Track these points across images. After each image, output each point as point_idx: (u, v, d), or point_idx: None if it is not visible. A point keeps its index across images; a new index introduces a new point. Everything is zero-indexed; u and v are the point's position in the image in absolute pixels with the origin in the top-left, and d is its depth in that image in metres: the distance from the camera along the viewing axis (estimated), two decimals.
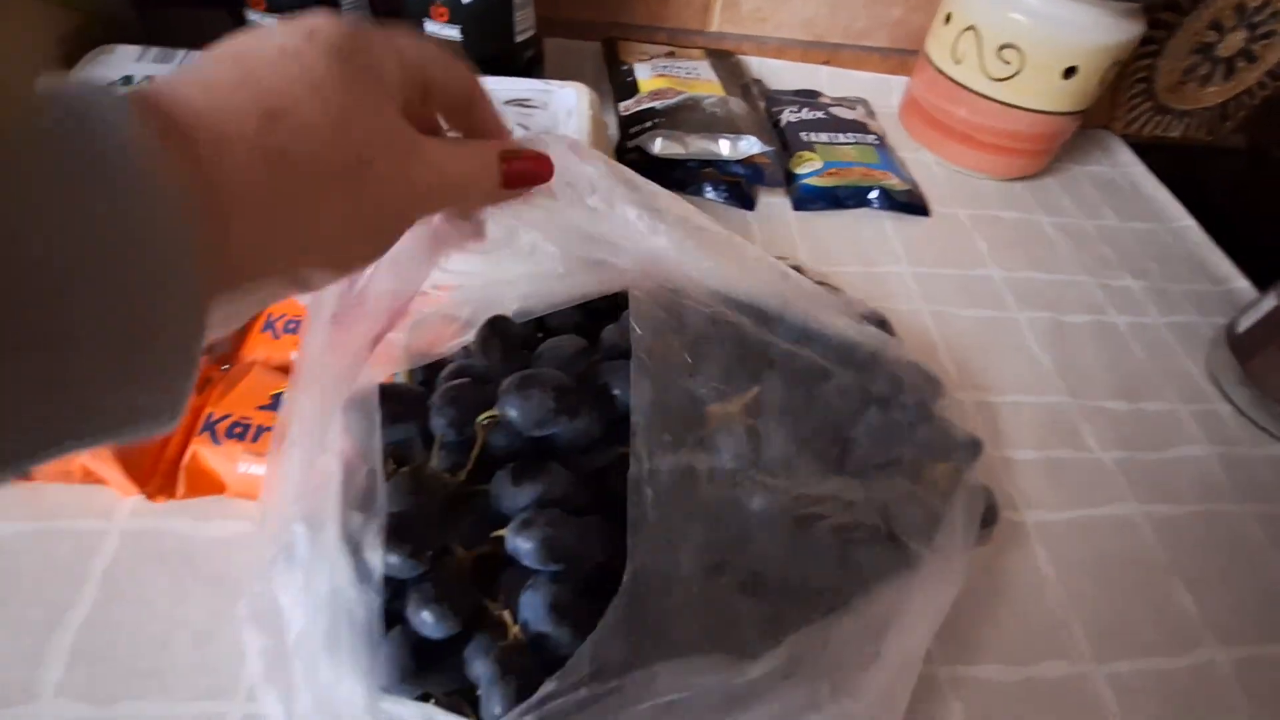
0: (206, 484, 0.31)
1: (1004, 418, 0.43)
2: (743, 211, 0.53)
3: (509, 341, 0.30)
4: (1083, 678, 0.32)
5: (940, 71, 0.57)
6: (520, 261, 0.30)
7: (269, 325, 0.37)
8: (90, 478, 0.31)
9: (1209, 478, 0.42)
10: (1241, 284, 0.56)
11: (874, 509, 0.26)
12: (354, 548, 0.23)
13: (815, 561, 0.24)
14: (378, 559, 0.23)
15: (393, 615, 0.25)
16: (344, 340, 0.26)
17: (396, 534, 0.23)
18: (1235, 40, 0.64)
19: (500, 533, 0.25)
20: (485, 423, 0.27)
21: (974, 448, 0.34)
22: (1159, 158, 0.67)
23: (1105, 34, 0.52)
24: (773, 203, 0.54)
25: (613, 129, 0.54)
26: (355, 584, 0.23)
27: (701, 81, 0.56)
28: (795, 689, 0.21)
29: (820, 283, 0.37)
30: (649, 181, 0.30)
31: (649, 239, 0.28)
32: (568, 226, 0.27)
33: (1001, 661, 0.32)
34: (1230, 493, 0.41)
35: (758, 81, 0.63)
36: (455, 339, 0.32)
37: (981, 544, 0.33)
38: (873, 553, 0.26)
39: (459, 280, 0.32)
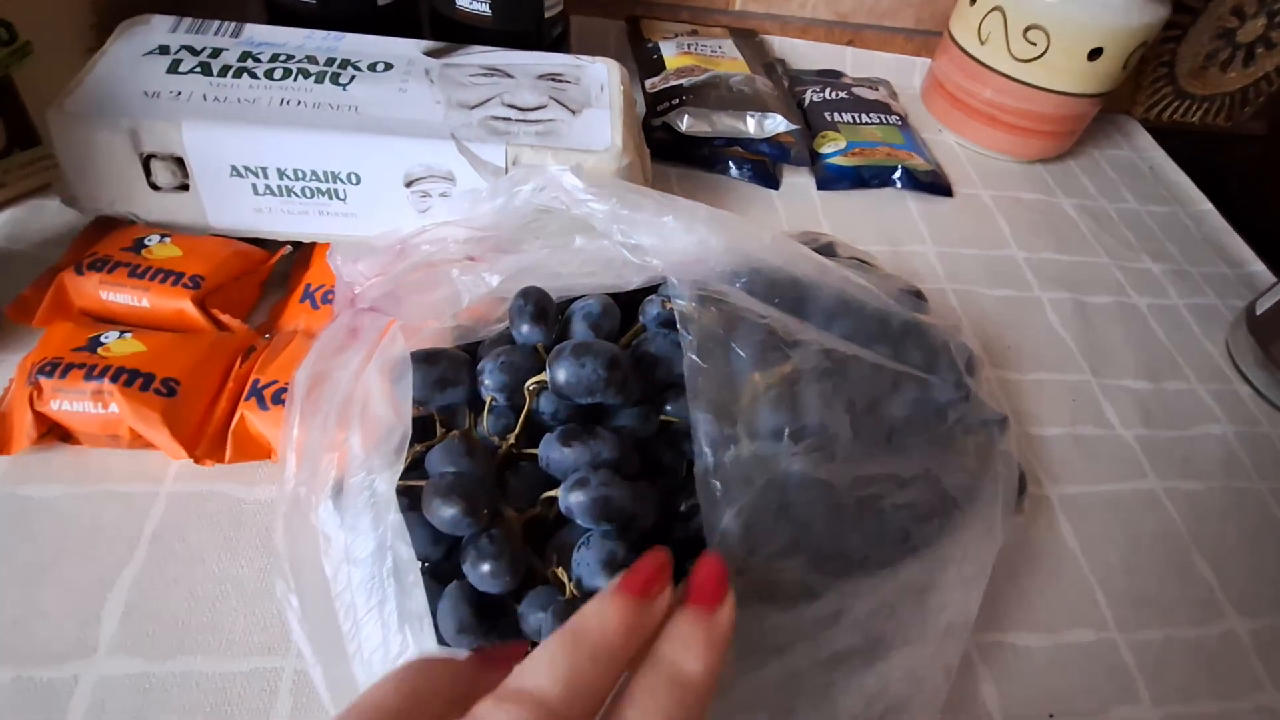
0: (254, 448, 0.32)
1: (1028, 395, 0.43)
2: (767, 190, 0.53)
3: (542, 308, 0.30)
4: (1109, 645, 0.33)
5: (965, 52, 0.57)
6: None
7: (307, 295, 0.37)
8: (138, 442, 0.31)
9: (1229, 456, 0.43)
10: (1260, 268, 0.56)
11: (928, 484, 0.27)
12: (404, 505, 0.24)
13: (881, 541, 0.25)
14: (433, 515, 0.24)
15: (443, 573, 0.26)
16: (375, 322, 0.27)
17: (454, 492, 0.23)
18: (1256, 26, 0.64)
19: (551, 493, 0.25)
20: (533, 388, 0.27)
21: (1002, 423, 0.35)
22: (1178, 143, 0.67)
23: (1132, 15, 0.52)
24: (797, 182, 0.54)
25: (640, 105, 0.54)
26: (407, 544, 0.23)
27: (727, 59, 0.56)
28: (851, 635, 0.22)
29: (854, 258, 0.37)
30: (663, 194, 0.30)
31: (681, 236, 0.28)
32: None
33: (1030, 629, 0.33)
34: (1250, 470, 0.42)
35: (781, 61, 0.63)
36: (500, 319, 0.32)
37: (1016, 514, 0.34)
38: (933, 528, 0.26)
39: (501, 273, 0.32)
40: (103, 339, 0.32)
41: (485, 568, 0.23)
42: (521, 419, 0.27)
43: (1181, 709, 0.32)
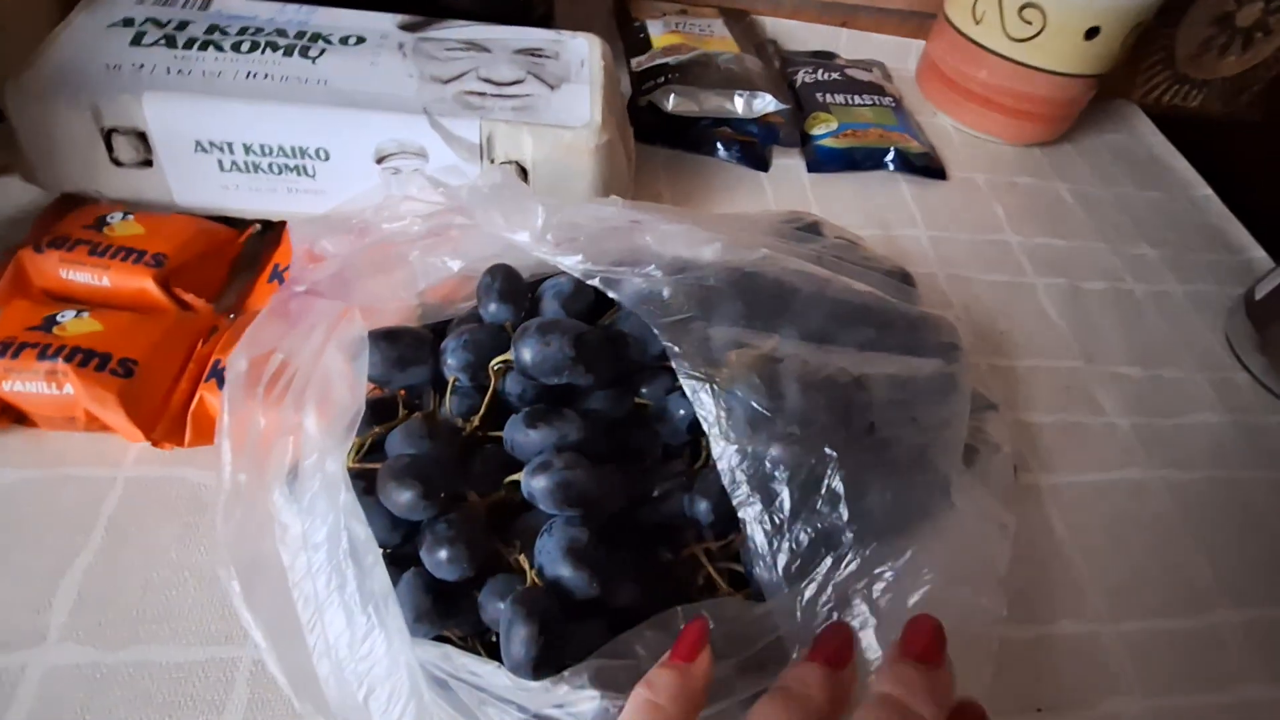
0: (213, 431, 0.31)
1: (1019, 381, 0.42)
2: (756, 173, 0.52)
3: (511, 285, 0.29)
4: (1095, 636, 0.32)
5: (960, 32, 0.56)
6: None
7: (276, 275, 0.36)
8: (95, 425, 0.30)
9: (1225, 444, 0.42)
10: (1259, 253, 0.55)
11: (913, 472, 0.26)
12: (360, 489, 0.23)
13: (865, 533, 0.24)
14: (388, 499, 0.23)
15: (401, 559, 0.24)
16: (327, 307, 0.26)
17: (410, 474, 0.22)
18: (1254, 11, 0.63)
19: (515, 477, 0.24)
20: (498, 367, 0.26)
21: (990, 409, 0.34)
22: (1176, 128, 0.66)
23: None
24: (787, 164, 0.53)
25: (625, 85, 0.52)
26: (363, 524, 0.22)
27: (715, 39, 0.55)
28: None
29: (840, 237, 0.36)
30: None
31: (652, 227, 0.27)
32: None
33: (1015, 620, 0.32)
34: (1245, 459, 0.41)
35: (773, 42, 0.62)
36: (469, 298, 0.31)
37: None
38: (921, 516, 0.25)
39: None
40: (58, 318, 0.31)
41: (442, 554, 0.22)
42: (486, 400, 0.26)
43: (1171, 701, 0.31)
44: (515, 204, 0.27)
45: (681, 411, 0.28)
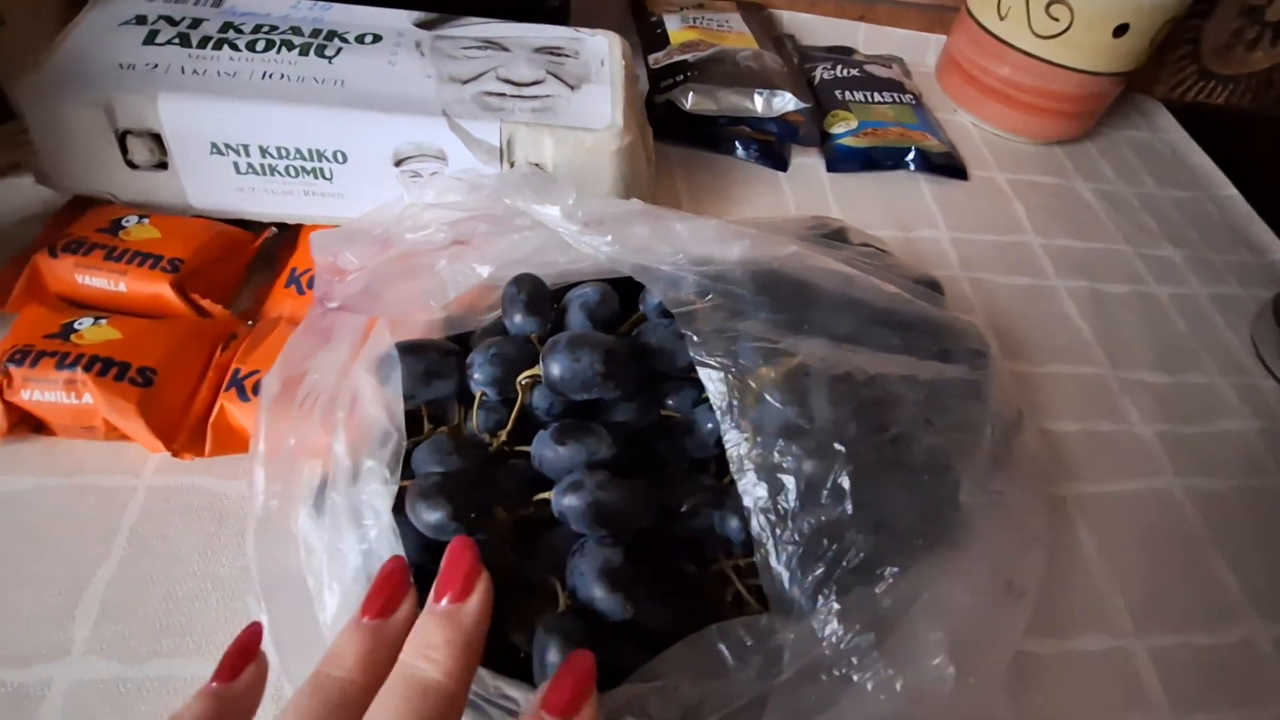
0: (235, 441, 0.30)
1: (1043, 388, 0.42)
2: (774, 172, 0.51)
3: (536, 296, 0.28)
4: (1123, 651, 0.32)
5: (983, 28, 0.55)
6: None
7: (293, 280, 0.35)
8: (114, 434, 0.30)
9: (1251, 452, 0.41)
10: None
11: (941, 486, 0.26)
12: (387, 508, 0.23)
13: (892, 548, 0.23)
14: (417, 519, 0.22)
15: (430, 577, 0.24)
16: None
17: (439, 493, 0.22)
18: None
19: (544, 495, 0.24)
20: (525, 382, 0.26)
21: (1016, 420, 0.33)
22: (1201, 125, 0.64)
23: None
24: (805, 163, 0.52)
25: (642, 82, 0.51)
26: (392, 546, 0.22)
27: (733, 34, 0.54)
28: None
29: (866, 244, 0.35)
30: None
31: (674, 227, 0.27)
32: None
33: (1041, 634, 0.32)
34: (1272, 468, 0.40)
35: (790, 37, 0.60)
36: (493, 308, 0.30)
37: None
38: (949, 533, 0.25)
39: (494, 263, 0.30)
40: (76, 325, 0.31)
41: None
42: (514, 415, 0.26)
43: (1199, 718, 0.30)
44: (546, 186, 0.26)
45: (710, 425, 0.28)
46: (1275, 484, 0.40)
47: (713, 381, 0.23)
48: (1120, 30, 0.50)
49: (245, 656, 0.17)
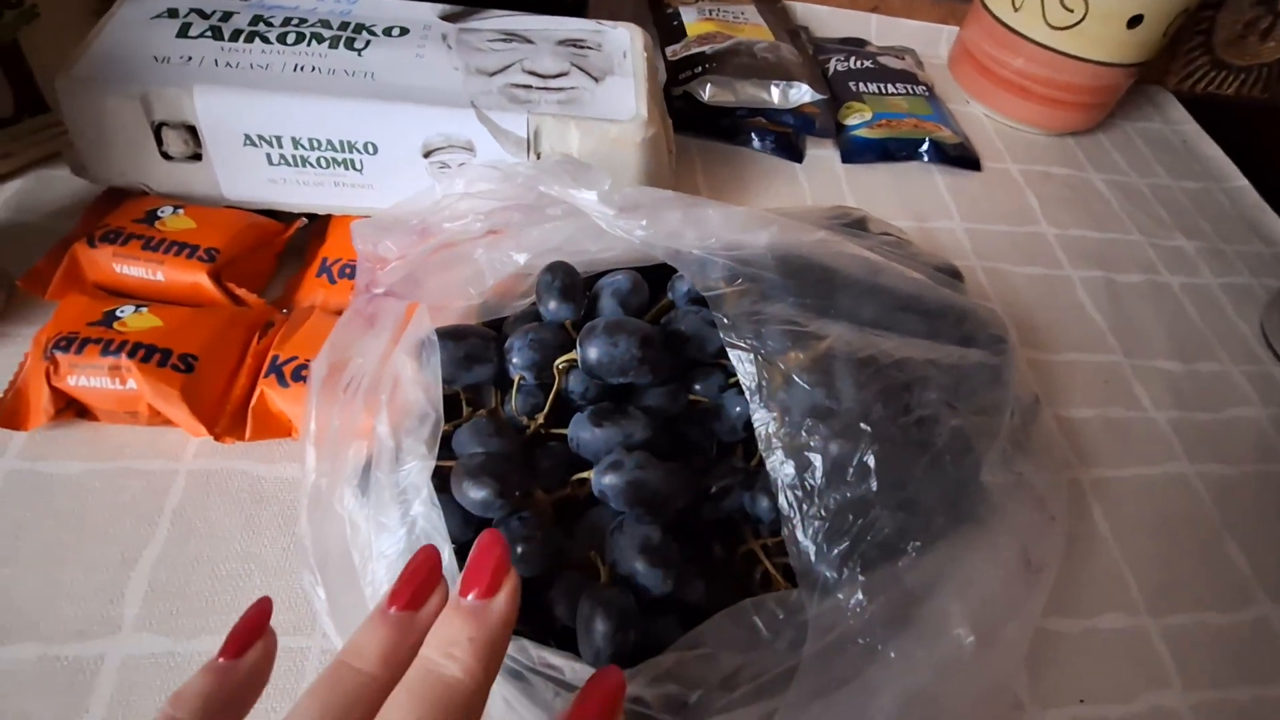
0: (274, 426, 0.31)
1: (1058, 375, 0.42)
2: (790, 164, 0.51)
3: (570, 283, 0.29)
4: (1140, 631, 0.33)
5: (996, 19, 0.55)
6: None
7: (324, 269, 0.36)
8: (157, 419, 0.31)
9: (1262, 439, 0.42)
10: None
11: (966, 468, 0.26)
12: (433, 487, 0.23)
13: (915, 528, 0.24)
14: (463, 496, 0.23)
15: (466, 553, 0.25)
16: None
17: (485, 472, 0.23)
18: None
19: (583, 475, 0.25)
20: (563, 366, 0.27)
21: (1033, 405, 0.34)
22: (1212, 116, 0.65)
23: None
24: (821, 155, 0.53)
25: (661, 75, 0.52)
26: (443, 533, 0.23)
27: (749, 26, 0.54)
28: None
29: (886, 234, 0.36)
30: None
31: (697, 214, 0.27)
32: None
33: (1061, 613, 0.32)
34: None
35: (804, 28, 0.61)
36: (526, 295, 0.31)
37: None
38: (973, 513, 0.25)
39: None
40: (118, 313, 0.31)
41: (518, 550, 0.22)
42: (551, 398, 0.27)
43: (1213, 695, 0.31)
44: (582, 173, 0.27)
45: (738, 409, 0.28)
46: None
47: (742, 363, 0.24)
48: (1134, 21, 0.51)
49: (254, 633, 0.16)
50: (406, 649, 0.15)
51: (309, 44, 0.37)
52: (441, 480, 0.24)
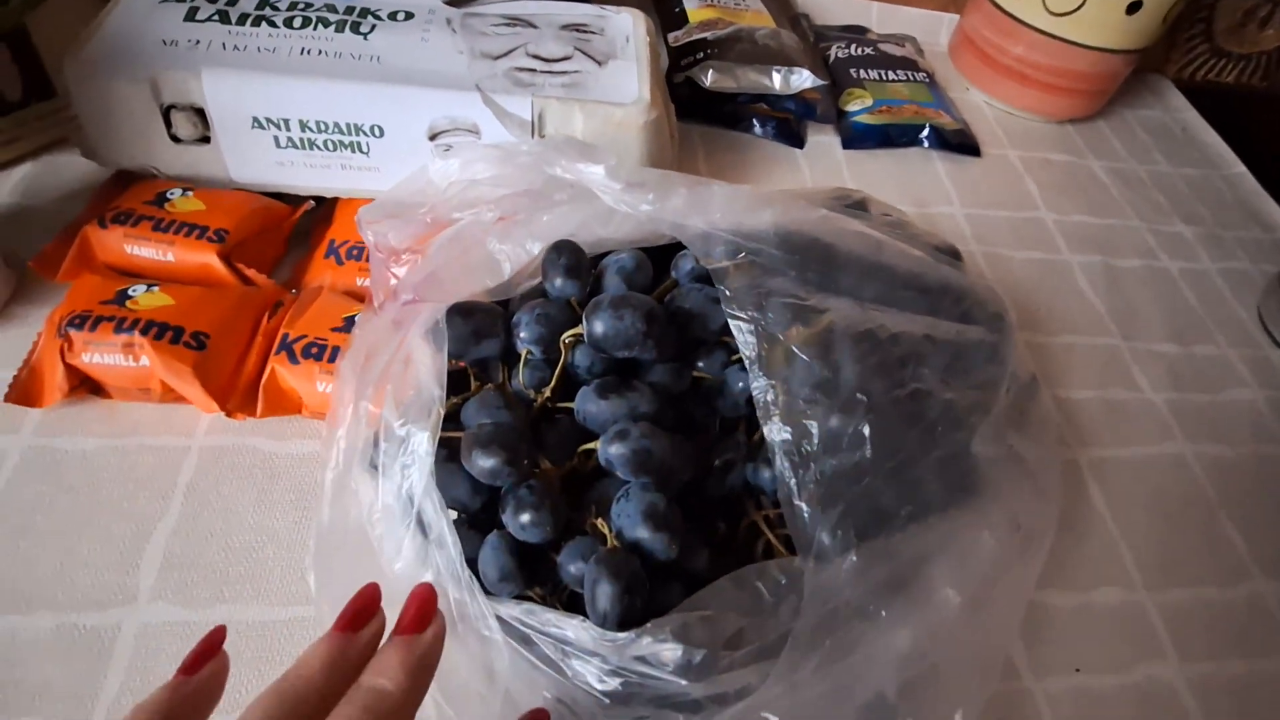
0: (285, 403, 0.32)
1: (1057, 358, 0.43)
2: (791, 150, 0.52)
3: (576, 260, 0.29)
4: (1136, 605, 0.33)
5: (997, 6, 0.55)
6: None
7: (331, 251, 0.37)
8: (169, 396, 0.31)
9: (1258, 420, 0.42)
10: None
11: (964, 441, 0.27)
12: (441, 456, 0.24)
13: (914, 500, 0.24)
14: (472, 465, 0.24)
15: (483, 524, 0.26)
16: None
17: (494, 441, 0.23)
18: None
19: (589, 446, 0.25)
20: (569, 340, 0.27)
21: (1032, 385, 0.34)
22: (1211, 103, 0.65)
23: None
24: (822, 141, 0.53)
25: (663, 60, 0.52)
26: (444, 492, 0.23)
27: (751, 12, 0.54)
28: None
29: (887, 215, 0.36)
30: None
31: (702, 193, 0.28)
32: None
33: (1058, 587, 0.33)
34: (1278, 435, 0.42)
35: (805, 16, 0.61)
36: (533, 274, 0.31)
37: None
38: (970, 488, 0.26)
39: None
40: (130, 292, 0.32)
41: (525, 517, 0.23)
42: (558, 372, 0.27)
43: (1208, 667, 0.32)
44: (586, 151, 0.27)
45: (740, 385, 0.29)
46: None
47: (742, 334, 0.25)
48: (1134, 8, 0.51)
49: (208, 655, 0.18)
50: (346, 661, 0.18)
51: (315, 28, 0.37)
52: (452, 451, 0.25)
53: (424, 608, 0.19)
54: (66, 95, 0.36)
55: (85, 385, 0.32)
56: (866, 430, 0.24)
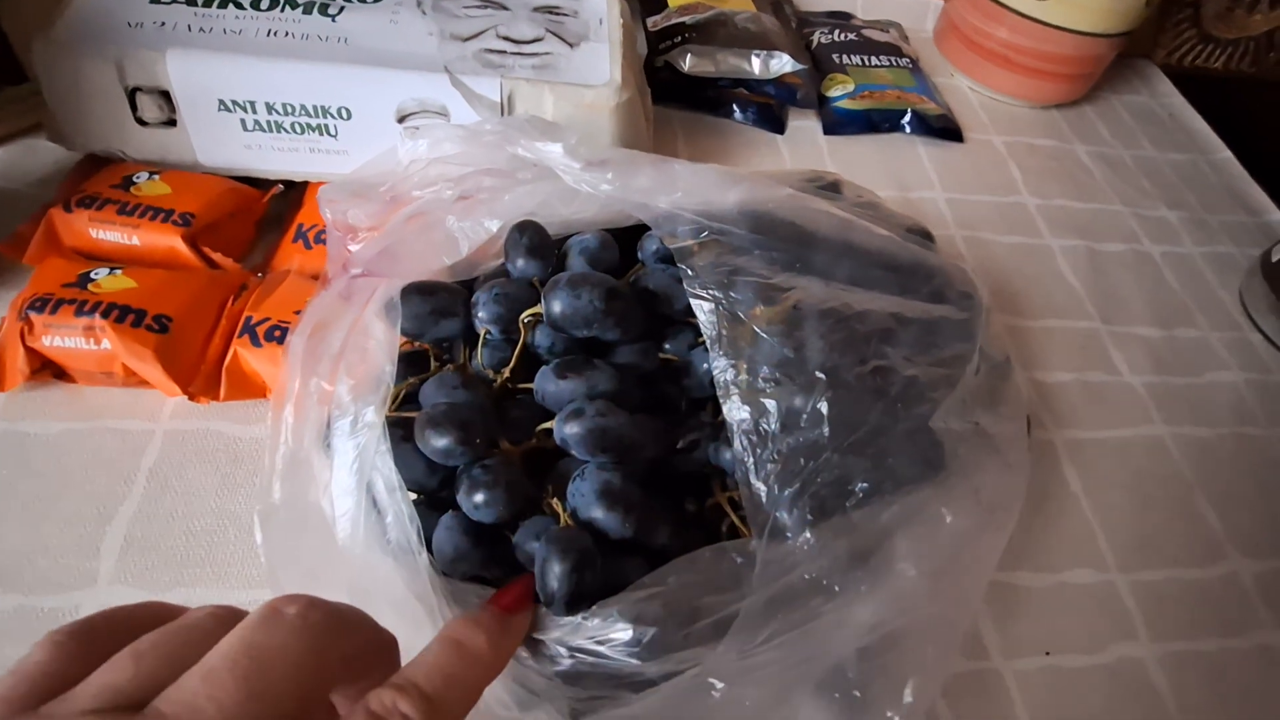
0: (248, 386, 0.31)
1: (1035, 341, 0.43)
2: (772, 135, 0.51)
3: (539, 241, 0.29)
4: (1109, 585, 0.33)
5: None
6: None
7: (300, 235, 0.36)
8: (133, 379, 0.31)
9: (1238, 403, 0.42)
10: (1277, 216, 0.54)
11: (932, 418, 0.26)
12: (398, 436, 0.24)
13: (879, 475, 0.24)
14: (426, 445, 0.23)
15: (439, 503, 0.25)
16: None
17: (447, 420, 0.23)
18: None
19: (547, 425, 0.25)
20: (529, 320, 0.27)
21: (1004, 365, 0.34)
22: (1198, 89, 0.65)
23: None
24: (803, 126, 0.52)
25: (641, 44, 0.52)
26: (398, 472, 0.23)
27: None
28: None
29: (859, 196, 0.36)
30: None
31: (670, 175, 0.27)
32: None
33: (1032, 569, 0.33)
34: (1258, 417, 0.41)
35: (789, 2, 0.61)
36: (497, 256, 0.31)
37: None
38: (937, 463, 0.26)
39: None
40: (93, 275, 0.32)
41: (478, 497, 0.23)
42: (516, 352, 0.27)
43: (1180, 646, 0.32)
44: (547, 128, 0.27)
45: (705, 365, 0.29)
46: (1260, 432, 0.40)
47: (704, 312, 0.24)
48: None
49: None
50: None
51: (282, 9, 0.37)
52: (410, 431, 0.24)
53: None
54: (37, 76, 0.35)
55: (49, 369, 0.31)
56: (825, 408, 0.24)
